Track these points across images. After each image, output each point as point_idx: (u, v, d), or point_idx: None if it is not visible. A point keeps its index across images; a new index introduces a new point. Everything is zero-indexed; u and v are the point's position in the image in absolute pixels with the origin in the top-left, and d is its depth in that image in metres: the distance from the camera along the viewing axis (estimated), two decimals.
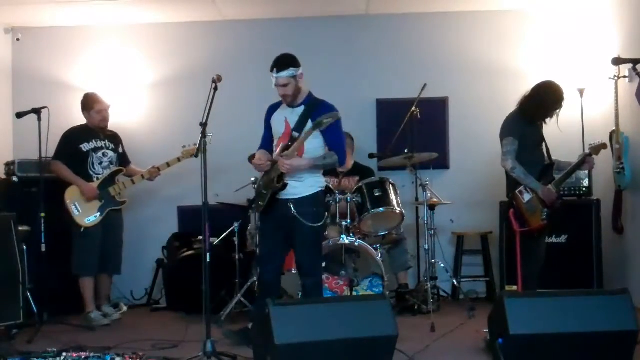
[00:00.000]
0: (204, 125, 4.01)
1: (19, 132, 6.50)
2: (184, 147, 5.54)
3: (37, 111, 5.30)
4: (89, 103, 5.62)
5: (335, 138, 4.28)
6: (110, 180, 5.54)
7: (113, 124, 5.80)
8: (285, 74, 4.16)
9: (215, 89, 4.06)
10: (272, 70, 4.17)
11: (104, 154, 5.58)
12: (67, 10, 6.35)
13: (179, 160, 5.57)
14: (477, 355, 4.14)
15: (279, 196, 4.23)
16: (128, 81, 6.74)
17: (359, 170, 5.97)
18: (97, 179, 5.50)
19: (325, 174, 5.62)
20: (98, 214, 5.42)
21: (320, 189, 4.34)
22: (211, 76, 4.07)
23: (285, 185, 4.18)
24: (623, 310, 3.53)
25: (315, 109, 4.23)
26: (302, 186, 4.23)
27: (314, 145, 4.24)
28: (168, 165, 5.59)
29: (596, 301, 3.61)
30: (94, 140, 5.58)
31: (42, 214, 5.20)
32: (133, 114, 6.70)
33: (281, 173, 4.15)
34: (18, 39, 6.79)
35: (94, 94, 5.73)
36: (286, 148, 4.17)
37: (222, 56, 6.66)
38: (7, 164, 5.99)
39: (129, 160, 5.84)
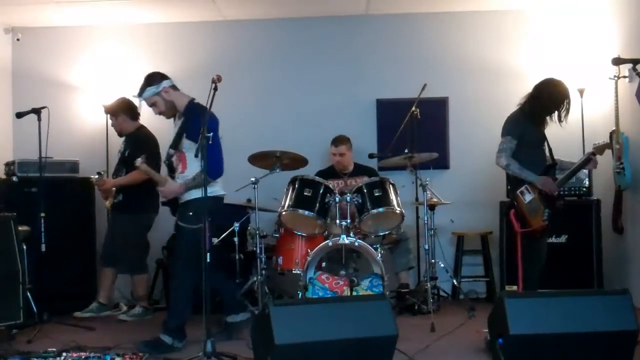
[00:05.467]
0: (203, 125, 4.00)
1: (19, 132, 6.51)
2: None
3: (37, 111, 5.31)
4: None
5: (208, 154, 4.15)
6: None
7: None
8: (146, 94, 4.43)
9: (215, 89, 4.05)
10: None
11: (118, 158, 5.76)
12: (67, 10, 6.35)
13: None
14: (477, 355, 4.14)
15: None
16: (128, 81, 6.72)
17: (364, 171, 6.01)
18: None
19: (329, 177, 5.69)
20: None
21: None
22: (211, 76, 4.06)
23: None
24: (623, 310, 3.53)
25: (189, 121, 4.37)
26: (187, 192, 4.43)
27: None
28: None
29: (596, 301, 3.60)
30: (121, 144, 5.81)
31: (42, 214, 5.20)
32: None
33: None
34: (18, 39, 6.79)
35: (108, 106, 5.87)
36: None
37: (222, 56, 6.66)
38: (7, 164, 5.99)
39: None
